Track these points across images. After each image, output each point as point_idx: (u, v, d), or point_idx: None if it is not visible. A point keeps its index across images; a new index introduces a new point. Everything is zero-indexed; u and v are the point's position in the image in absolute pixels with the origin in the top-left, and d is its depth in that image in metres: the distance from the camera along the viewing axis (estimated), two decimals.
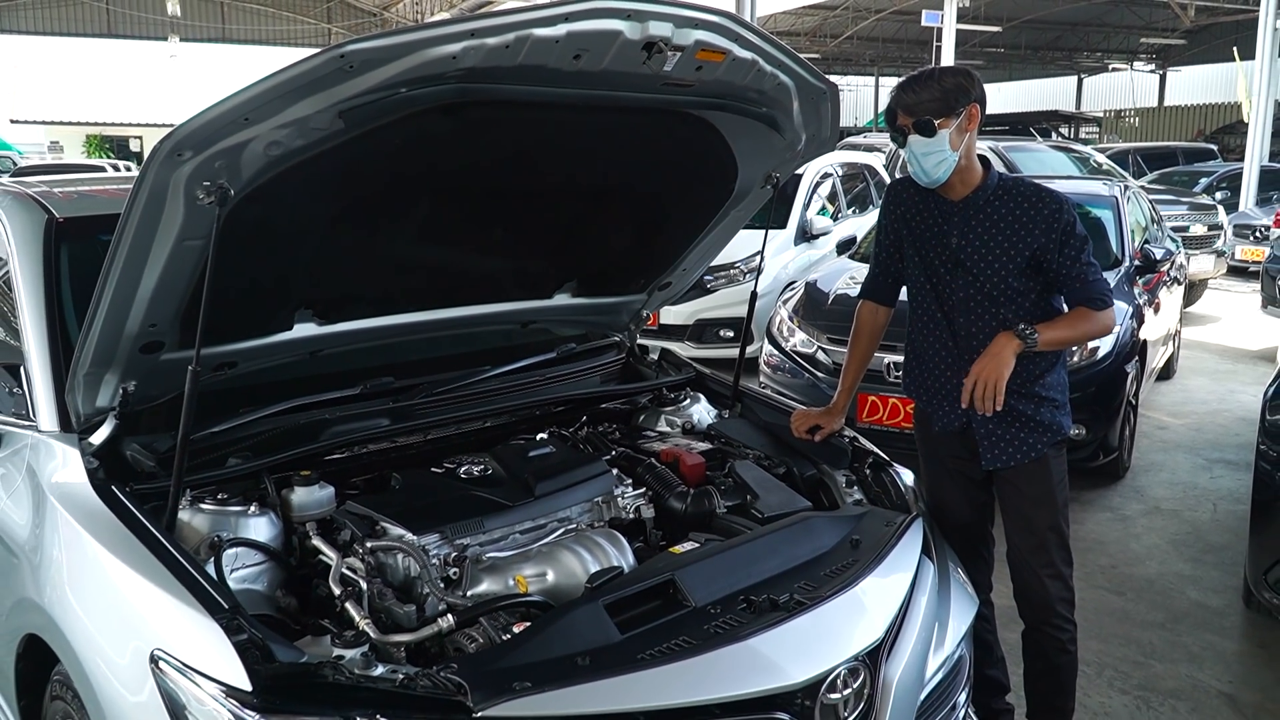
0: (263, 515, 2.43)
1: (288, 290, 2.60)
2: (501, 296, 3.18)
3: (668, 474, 2.92)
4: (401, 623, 2.25)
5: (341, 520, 2.50)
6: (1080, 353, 5.62)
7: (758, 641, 2.12)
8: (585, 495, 2.72)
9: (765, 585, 2.36)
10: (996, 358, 2.79)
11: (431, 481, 2.70)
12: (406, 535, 2.40)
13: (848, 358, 3.28)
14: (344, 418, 2.87)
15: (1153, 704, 3.71)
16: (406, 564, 2.38)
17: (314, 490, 2.55)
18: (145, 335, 2.37)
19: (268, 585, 2.38)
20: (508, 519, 2.55)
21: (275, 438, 2.73)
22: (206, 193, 2.04)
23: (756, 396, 3.54)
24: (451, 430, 3.01)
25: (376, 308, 2.88)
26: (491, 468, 2.76)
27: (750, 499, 2.85)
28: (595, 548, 2.48)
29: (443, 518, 2.48)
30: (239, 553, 2.34)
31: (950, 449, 3.07)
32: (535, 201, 2.84)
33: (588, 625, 2.11)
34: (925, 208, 2.98)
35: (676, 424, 3.36)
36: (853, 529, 2.68)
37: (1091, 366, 5.77)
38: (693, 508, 2.81)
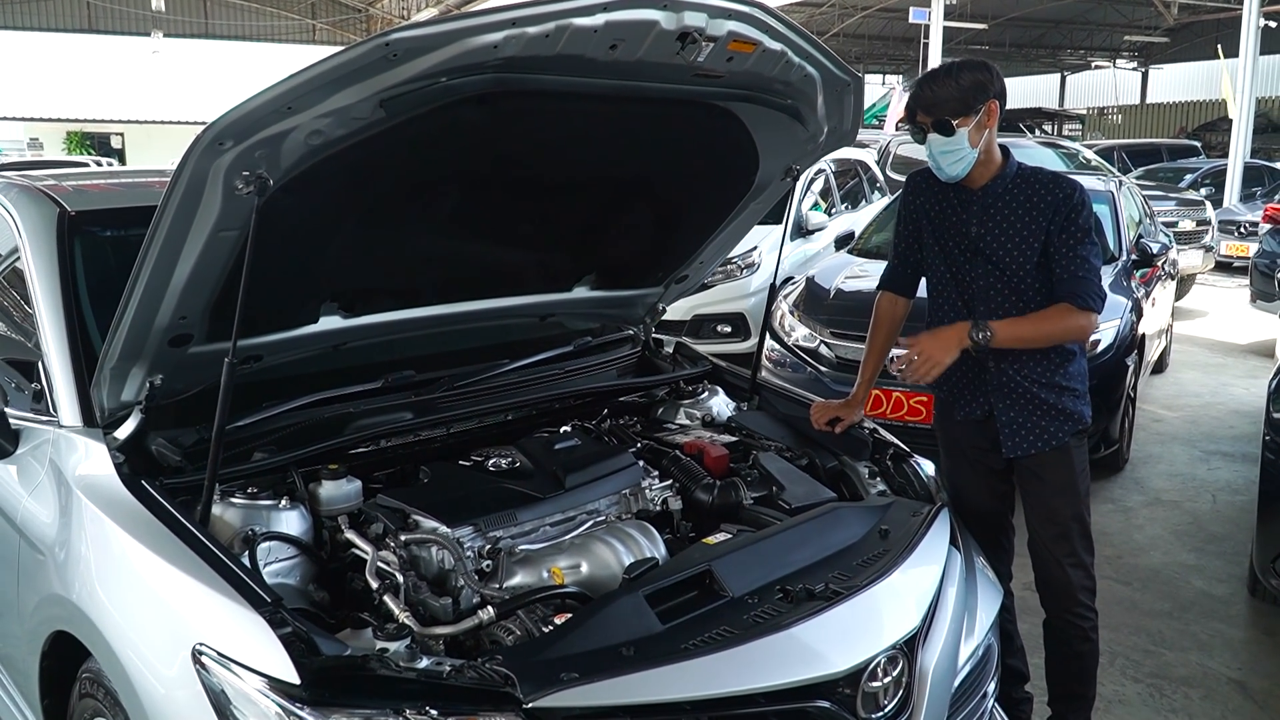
0: (293, 509, 2.42)
1: (316, 282, 2.58)
2: (522, 289, 3.17)
3: (693, 466, 2.91)
4: (438, 615, 2.24)
5: (372, 513, 2.48)
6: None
7: (799, 630, 2.12)
8: (614, 487, 2.72)
9: (799, 575, 2.37)
10: (945, 341, 2.81)
11: (461, 474, 2.69)
12: (440, 528, 2.39)
13: (866, 349, 3.28)
14: (367, 411, 2.86)
15: (1165, 691, 3.73)
16: (441, 557, 2.37)
17: (342, 484, 2.54)
18: (175, 328, 2.35)
19: (300, 579, 2.36)
20: (539, 511, 2.54)
21: (300, 431, 2.71)
22: (245, 182, 2.02)
23: (774, 389, 3.55)
24: (474, 424, 3.00)
25: (400, 300, 2.86)
26: (519, 460, 2.75)
27: (776, 490, 2.85)
28: (628, 539, 2.48)
29: (475, 510, 2.47)
30: (271, 547, 2.33)
31: (971, 438, 3.08)
32: (560, 194, 2.83)
33: (630, 616, 2.11)
34: (945, 197, 2.99)
35: (696, 416, 3.36)
36: (880, 519, 2.69)
37: (1092, 360, 5.79)
38: (719, 499, 2.81)
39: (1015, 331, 2.83)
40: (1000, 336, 2.79)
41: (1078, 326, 2.84)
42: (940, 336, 2.82)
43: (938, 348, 2.80)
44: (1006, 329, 2.81)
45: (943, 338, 2.82)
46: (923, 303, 3.19)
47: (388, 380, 2.97)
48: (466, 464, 2.75)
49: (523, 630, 2.19)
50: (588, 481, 2.66)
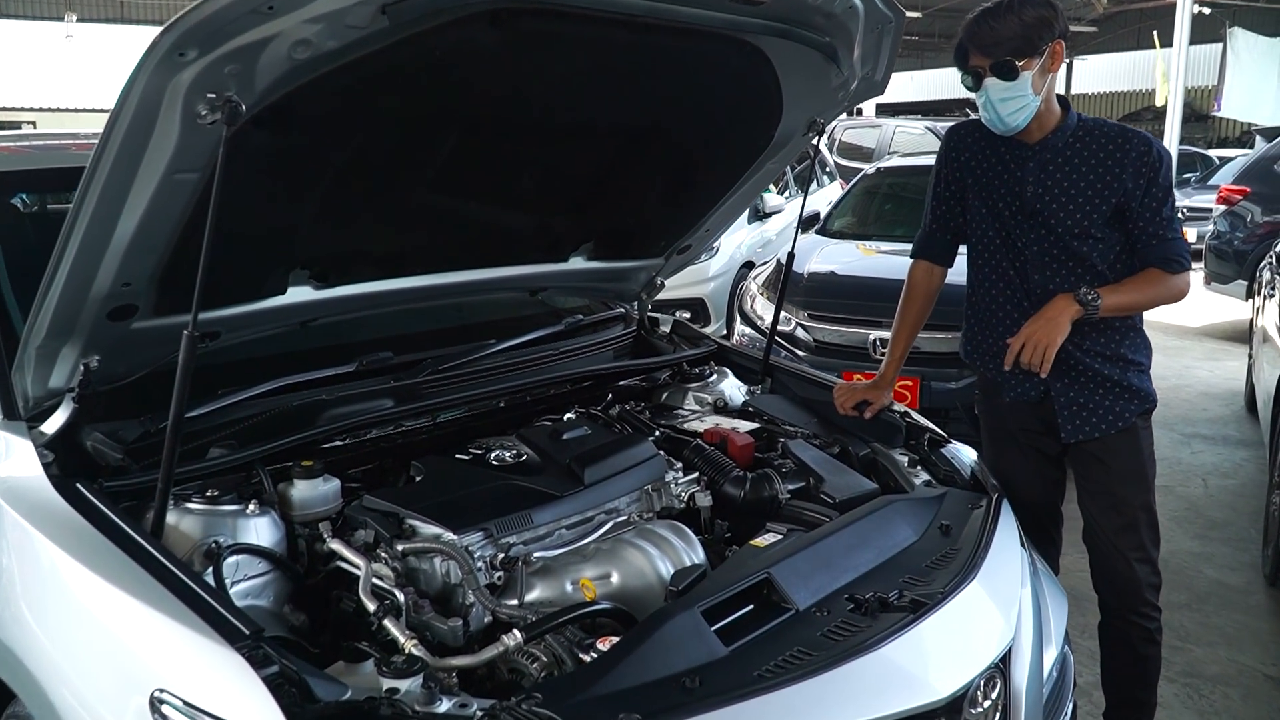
0: (263, 515, 2.02)
1: (287, 245, 2.17)
2: (512, 259, 2.78)
3: (719, 456, 2.55)
4: (446, 641, 1.86)
5: (358, 518, 2.08)
6: None
7: (890, 650, 1.78)
8: (635, 482, 2.35)
9: (865, 581, 2.04)
10: (1051, 321, 2.50)
11: (460, 470, 2.29)
12: (445, 534, 2.00)
13: (897, 324, 2.96)
14: (341, 399, 2.45)
15: (1203, 691, 3.48)
16: (445, 569, 1.99)
17: (318, 483, 2.14)
18: (116, 297, 1.93)
19: (274, 600, 1.97)
20: (556, 512, 2.16)
21: (265, 423, 2.30)
22: (211, 107, 1.61)
23: (787, 370, 3.20)
24: (463, 412, 2.60)
25: (380, 270, 2.46)
26: (525, 453, 2.37)
27: (814, 482, 2.51)
28: (662, 543, 2.12)
29: (482, 512, 2.08)
30: (239, 562, 1.92)
31: (1022, 421, 2.77)
32: (567, 143, 2.45)
33: (687, 638, 1.74)
34: (994, 153, 2.67)
35: (706, 401, 3.00)
36: (936, 513, 2.36)
37: None
38: (752, 494, 2.46)
39: (1118, 300, 2.53)
40: (1105, 304, 2.49)
41: (1178, 290, 2.56)
42: (1045, 317, 2.50)
43: (1046, 330, 2.48)
44: (1110, 296, 2.51)
45: (1048, 318, 2.49)
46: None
47: (362, 363, 2.56)
48: (464, 458, 2.35)
49: (550, 657, 1.82)
50: (608, 476, 2.29)
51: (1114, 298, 2.53)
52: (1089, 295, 2.50)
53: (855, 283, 5.99)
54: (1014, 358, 2.54)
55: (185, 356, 1.72)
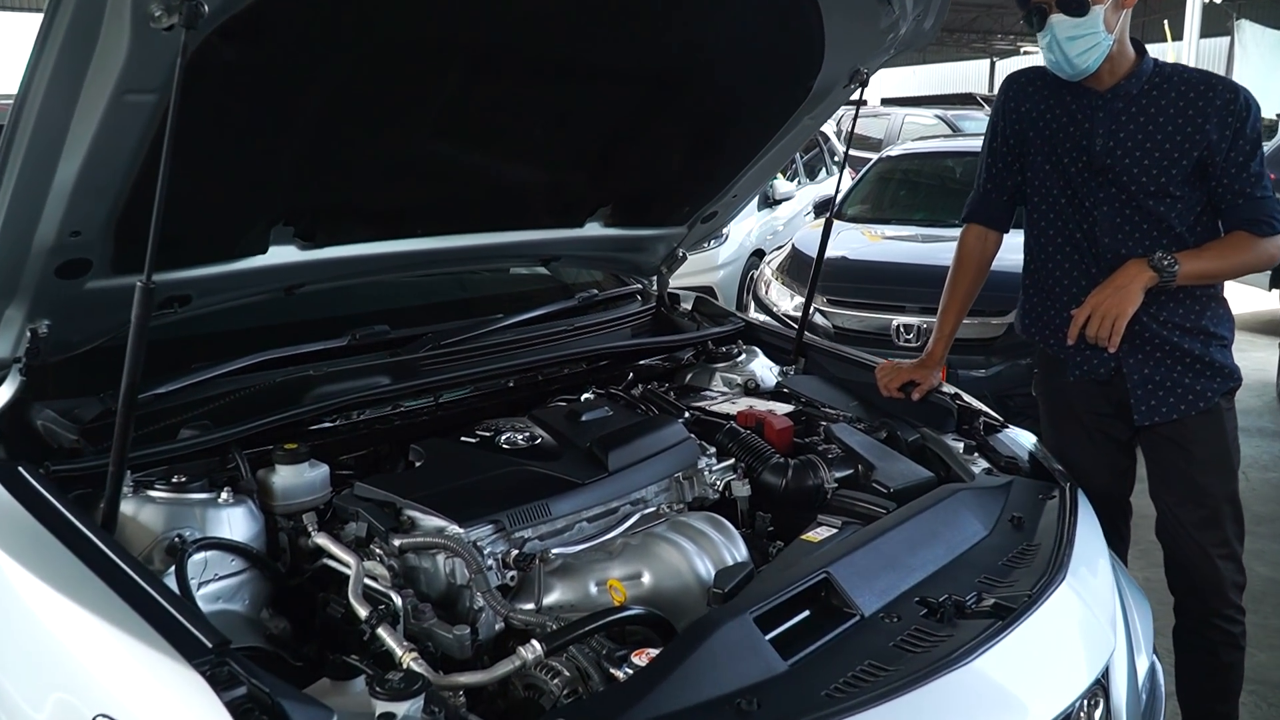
0: (238, 504, 1.73)
1: (266, 192, 1.88)
2: (523, 223, 2.49)
3: (756, 441, 2.27)
4: (451, 652, 1.58)
5: (349, 509, 1.80)
6: None
7: (980, 664, 1.49)
8: (665, 469, 2.07)
9: (935, 582, 1.76)
10: (1121, 290, 2.22)
11: (467, 454, 2.01)
12: (449, 527, 1.72)
13: (946, 297, 2.67)
14: (331, 376, 2.17)
15: (1271, 700, 3.21)
16: (450, 567, 1.70)
17: (303, 469, 1.86)
18: (64, 250, 1.64)
19: (250, 603, 1.69)
20: (577, 502, 1.88)
21: (242, 401, 2.02)
22: (167, 7, 1.32)
23: (823, 349, 2.92)
24: (469, 392, 2.32)
25: (375, 229, 2.17)
26: (540, 436, 2.09)
27: (864, 470, 2.23)
28: (700, 538, 1.84)
29: (492, 502, 1.80)
30: (208, 559, 1.64)
31: (1090, 403, 2.49)
32: (585, 88, 2.17)
33: (738, 650, 1.46)
34: (1060, 102, 2.39)
35: (735, 382, 2.72)
36: (1004, 504, 2.08)
37: None
38: (794, 482, 2.17)
39: (1199, 266, 2.25)
40: (1184, 271, 2.21)
41: (1267, 255, 2.27)
42: (1115, 285, 2.23)
43: (1116, 299, 2.20)
44: (1189, 262, 2.23)
45: (1118, 286, 2.22)
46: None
47: (354, 337, 2.28)
48: (471, 441, 2.07)
49: (574, 672, 1.53)
50: (634, 462, 2.01)
51: (1193, 264, 2.25)
52: (1165, 261, 2.22)
53: (876, 267, 5.72)
54: (1079, 330, 2.26)
55: (140, 312, 1.43)
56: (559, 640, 1.49)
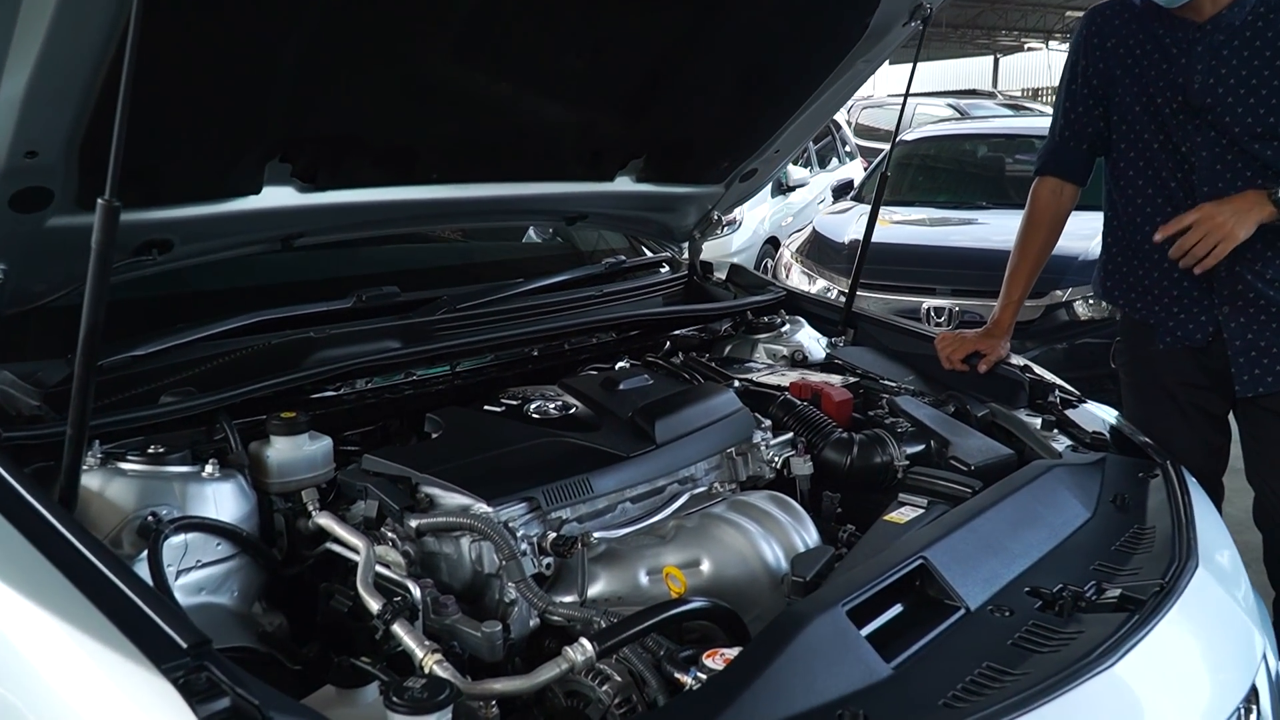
0: (226, 479, 1.47)
1: (258, 118, 1.61)
2: (551, 172, 2.23)
3: (814, 413, 2.01)
4: (480, 653, 1.32)
5: (356, 485, 1.54)
6: None
7: (1123, 669, 1.23)
8: (717, 442, 1.80)
9: (1043, 570, 1.51)
10: (1239, 213, 1.96)
11: (491, 424, 1.75)
12: (476, 505, 1.45)
13: (1016, 258, 2.41)
14: (333, 339, 1.91)
15: None
16: (476, 553, 1.44)
17: (302, 441, 1.60)
18: (19, 175, 1.38)
19: (239, 596, 1.43)
20: (621, 477, 1.62)
21: (233, 366, 1.76)
22: None
23: (874, 319, 2.66)
24: (489, 360, 2.06)
25: (383, 170, 1.90)
26: (574, 405, 1.82)
27: (937, 445, 1.97)
28: (765, 519, 1.58)
29: (525, 476, 1.54)
30: (188, 543, 1.37)
31: (1181, 373, 2.22)
32: (622, 14, 1.90)
33: (832, 651, 1.20)
34: (1151, 36, 2.13)
35: (780, 354, 2.46)
36: (1101, 483, 1.82)
37: None
38: (860, 459, 1.91)
39: None
40: None
41: None
42: (1233, 206, 1.97)
43: (1231, 220, 1.94)
44: None
45: (1237, 208, 1.96)
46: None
47: (360, 298, 2.02)
48: (495, 410, 1.80)
49: (627, 677, 1.27)
50: (684, 434, 1.74)
51: None
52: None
53: (906, 250, 5.45)
54: (1175, 231, 1.99)
55: (102, 237, 1.16)
56: (614, 638, 1.22)
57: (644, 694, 1.26)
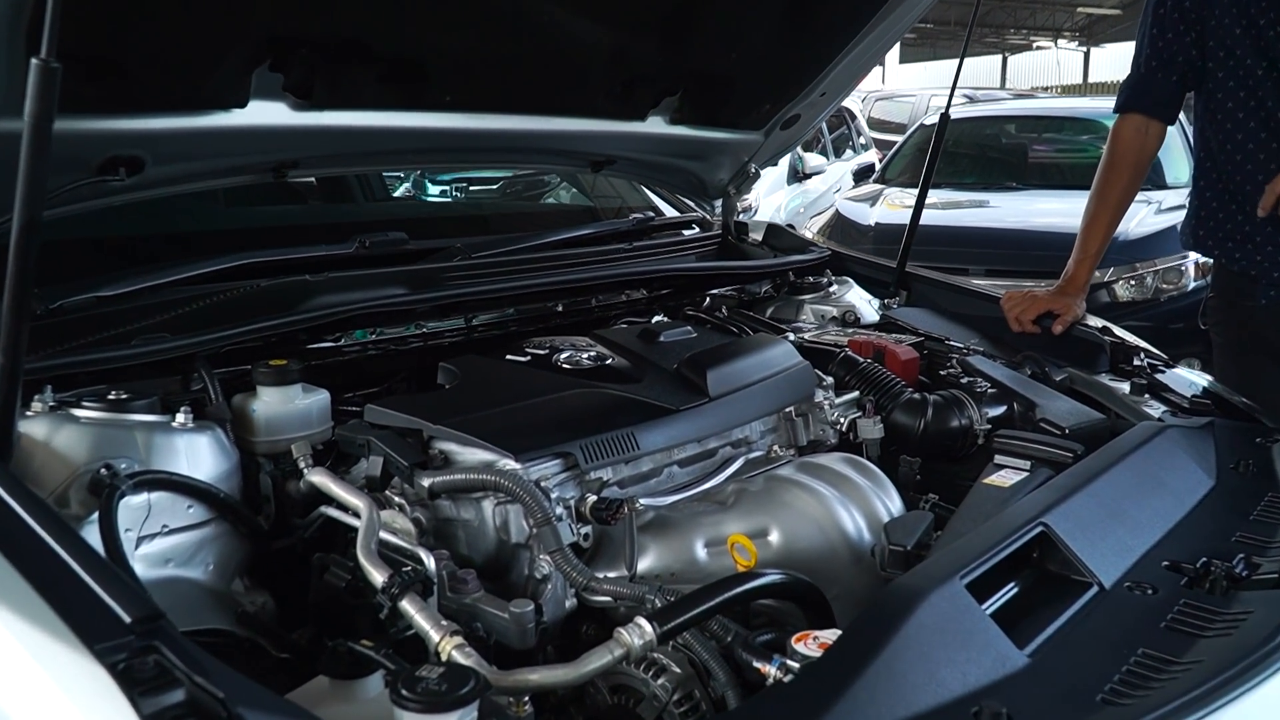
0: (202, 432, 1.23)
1: (242, 11, 1.36)
2: (578, 106, 1.98)
3: (880, 371, 1.77)
4: (509, 639, 1.07)
5: (358, 439, 1.29)
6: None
7: None
8: (778, 398, 1.55)
9: (1177, 541, 1.26)
10: None
11: (515, 373, 1.50)
12: (501, 460, 1.21)
13: (1094, 206, 2.17)
14: (332, 283, 1.66)
15: None
16: (502, 518, 1.20)
17: (294, 394, 1.35)
18: None
19: (216, 570, 1.18)
20: (671, 433, 1.37)
21: (215, 309, 1.52)
22: None
23: (929, 280, 2.41)
24: (509, 314, 1.82)
25: (388, 89, 1.65)
26: (610, 356, 1.57)
27: (1021, 408, 1.72)
28: (841, 483, 1.33)
29: (558, 429, 1.29)
30: (152, 503, 1.13)
31: None
32: None
33: (957, 633, 0.95)
34: None
35: (829, 315, 2.21)
36: (1214, 448, 1.58)
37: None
38: (936, 423, 1.67)
39: None
40: None
41: None
42: None
43: None
44: None
45: None
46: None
47: (363, 243, 1.78)
48: (519, 359, 1.56)
49: (687, 667, 1.03)
50: (740, 387, 1.49)
51: None
52: None
53: (936, 231, 5.20)
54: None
55: (38, 106, 0.92)
56: (678, 617, 0.98)
57: (709, 689, 1.02)
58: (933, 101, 13.56)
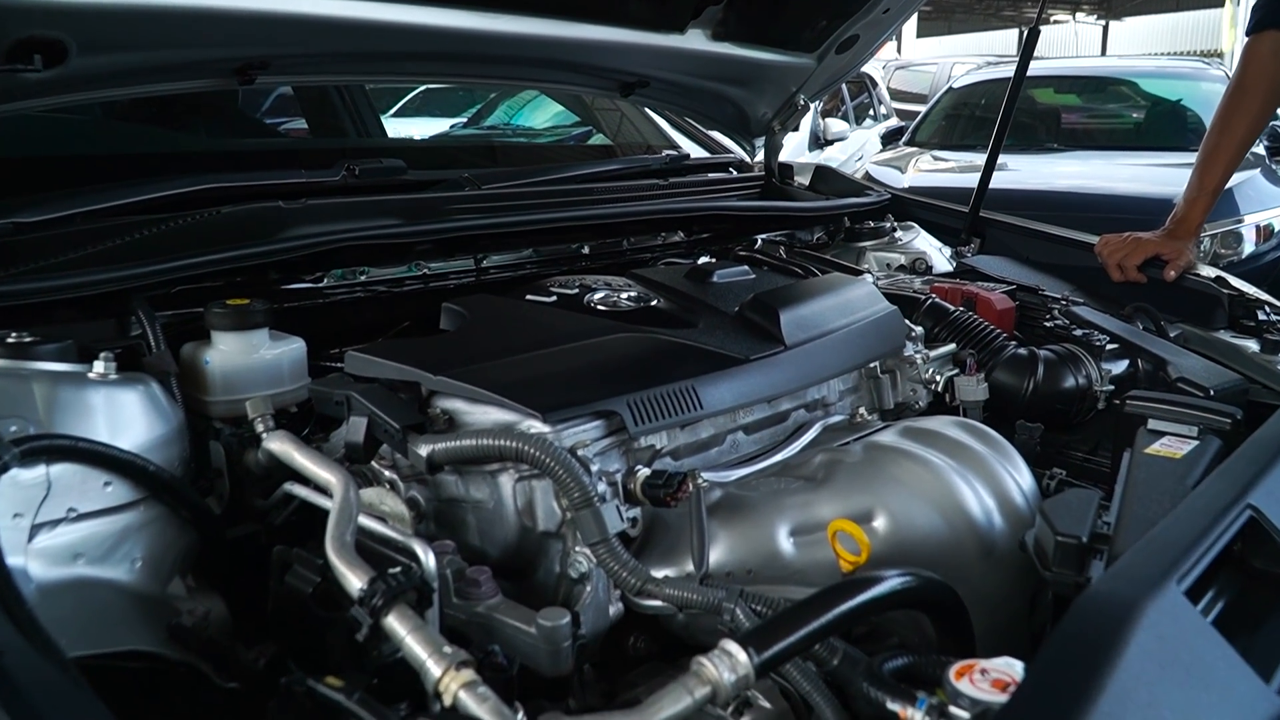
0: (128, 387, 0.93)
1: None
2: (609, 10, 1.67)
3: (977, 321, 1.46)
4: (537, 663, 0.78)
5: (334, 394, 0.99)
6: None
7: None
8: (865, 350, 1.25)
9: None
10: None
11: (537, 315, 1.20)
12: (524, 421, 0.91)
13: (1216, 136, 1.87)
14: (312, 212, 1.36)
15: None
16: (524, 499, 0.90)
17: (259, 340, 1.07)
18: None
19: (145, 568, 0.89)
20: (739, 389, 1.06)
21: (164, 239, 1.22)
22: None
23: (1007, 224, 2.10)
24: (526, 255, 1.52)
25: None
26: (654, 297, 1.27)
27: (1149, 365, 1.42)
28: (959, 452, 1.03)
29: (597, 382, 0.99)
30: (53, 479, 0.83)
31: None
32: None
33: (1188, 663, 0.65)
34: None
35: (896, 264, 1.91)
36: None
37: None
38: (1048, 382, 1.37)
39: None
40: None
41: None
42: None
43: None
44: None
45: None
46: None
47: (350, 169, 1.47)
48: (543, 299, 1.25)
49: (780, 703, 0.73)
50: (821, 335, 1.19)
51: None
52: None
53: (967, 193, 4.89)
54: None
55: None
56: (782, 640, 0.68)
57: None
58: (955, 69, 13.20)
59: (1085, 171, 4.76)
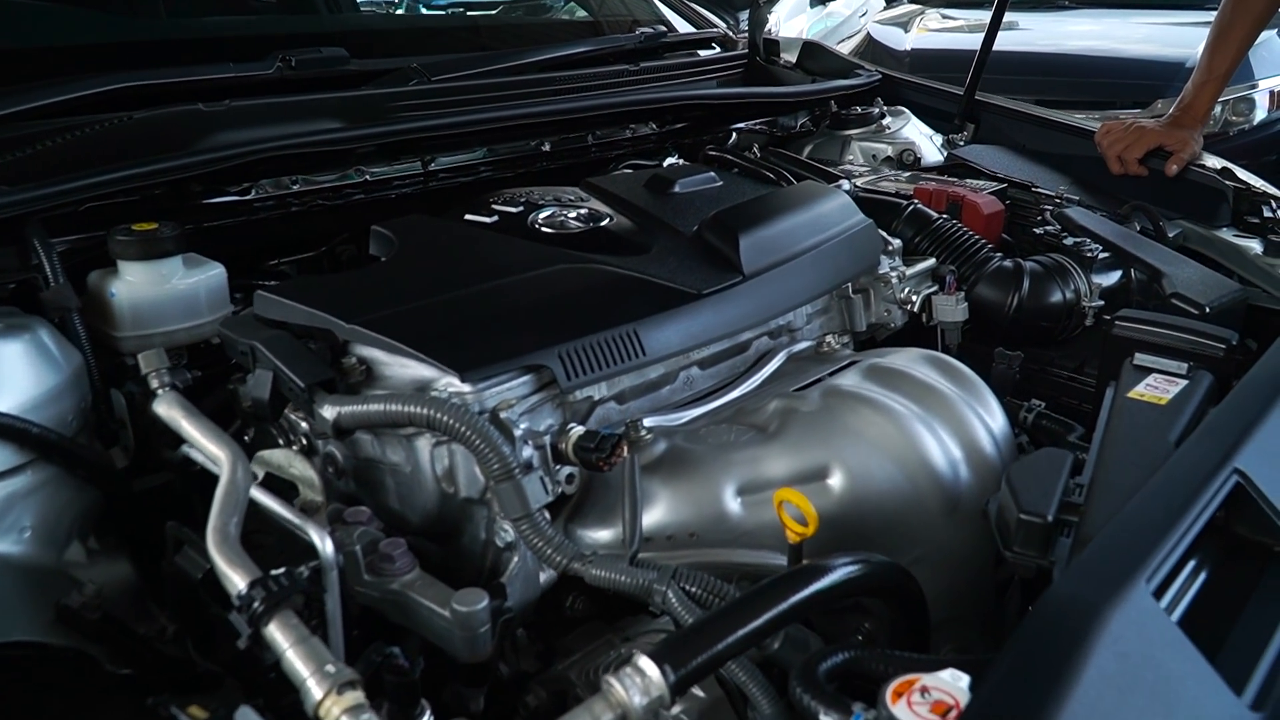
0: (13, 338, 0.85)
1: None
2: None
3: (960, 230, 1.36)
4: (454, 648, 0.72)
5: (241, 342, 0.90)
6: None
7: None
8: (835, 271, 1.16)
9: None
10: None
11: (472, 241, 1.10)
12: (443, 378, 0.83)
13: (1229, 11, 1.71)
14: (238, 114, 1.24)
15: None
16: (444, 465, 0.83)
17: (171, 269, 0.97)
18: None
19: (36, 537, 0.83)
20: (686, 331, 0.97)
21: (65, 151, 1.11)
22: None
23: (1003, 109, 1.97)
24: (479, 156, 1.41)
25: None
26: (607, 215, 1.17)
27: (1143, 277, 1.33)
28: (925, 396, 0.95)
29: (527, 328, 0.90)
30: None
31: None
32: None
33: (1155, 679, 0.59)
34: None
35: (883, 155, 1.79)
36: None
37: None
38: (1032, 297, 1.28)
39: None
40: None
41: None
42: None
43: None
44: None
45: None
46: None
47: (284, 60, 1.34)
48: (481, 220, 1.15)
49: (715, 691, 0.67)
50: (786, 259, 1.09)
51: None
52: None
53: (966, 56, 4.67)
54: None
55: None
56: (703, 653, 0.61)
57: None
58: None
59: (1097, 31, 4.52)
